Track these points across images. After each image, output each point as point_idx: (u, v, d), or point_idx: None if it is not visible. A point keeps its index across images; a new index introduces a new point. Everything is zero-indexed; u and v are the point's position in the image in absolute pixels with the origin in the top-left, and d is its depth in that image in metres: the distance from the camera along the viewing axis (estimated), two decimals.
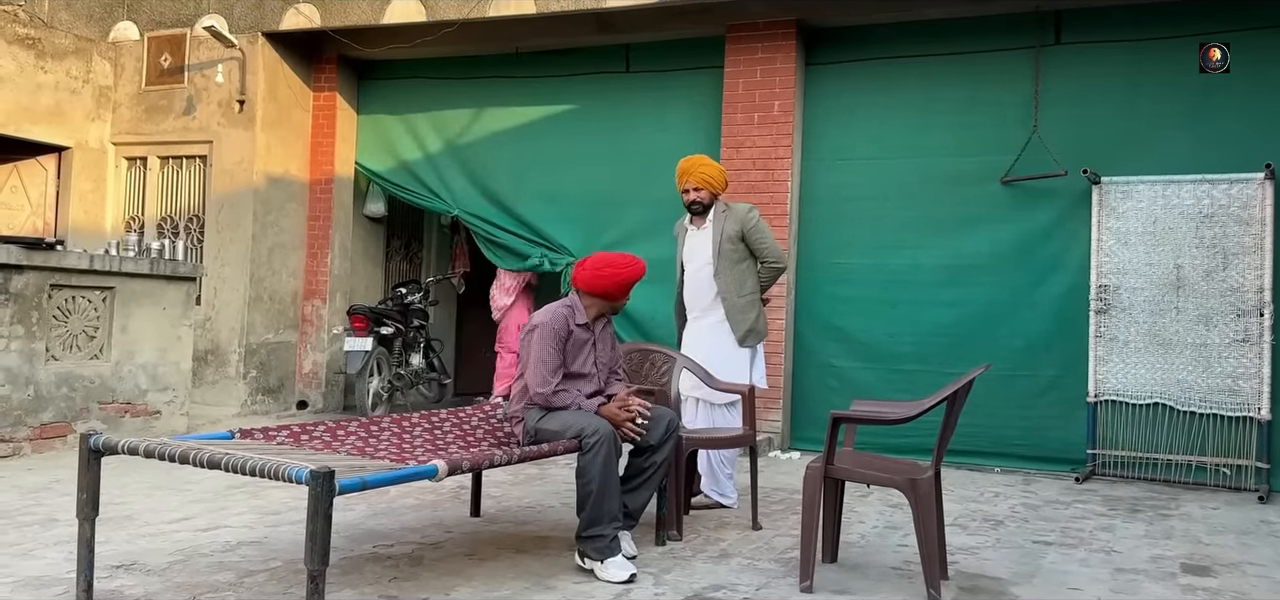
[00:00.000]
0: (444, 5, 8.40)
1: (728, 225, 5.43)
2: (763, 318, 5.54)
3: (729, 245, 5.42)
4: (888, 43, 7.75)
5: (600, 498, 3.97)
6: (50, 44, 9.33)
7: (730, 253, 5.43)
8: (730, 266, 5.43)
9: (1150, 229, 6.84)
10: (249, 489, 5.48)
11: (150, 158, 9.73)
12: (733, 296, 5.42)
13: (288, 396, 9.54)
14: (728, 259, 5.43)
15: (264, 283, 9.26)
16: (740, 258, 5.44)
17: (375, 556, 4.23)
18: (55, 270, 6.56)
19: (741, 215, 5.45)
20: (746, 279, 5.46)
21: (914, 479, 3.84)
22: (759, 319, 5.50)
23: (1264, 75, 6.79)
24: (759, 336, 5.50)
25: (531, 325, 4.28)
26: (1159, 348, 6.79)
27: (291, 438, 3.86)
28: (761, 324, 5.51)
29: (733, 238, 5.42)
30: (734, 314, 5.42)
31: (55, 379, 6.61)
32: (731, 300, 5.42)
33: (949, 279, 7.45)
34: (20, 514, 4.81)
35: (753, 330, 5.44)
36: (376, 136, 9.72)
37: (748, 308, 5.44)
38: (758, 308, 5.50)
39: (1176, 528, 5.36)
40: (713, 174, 5.47)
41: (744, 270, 5.45)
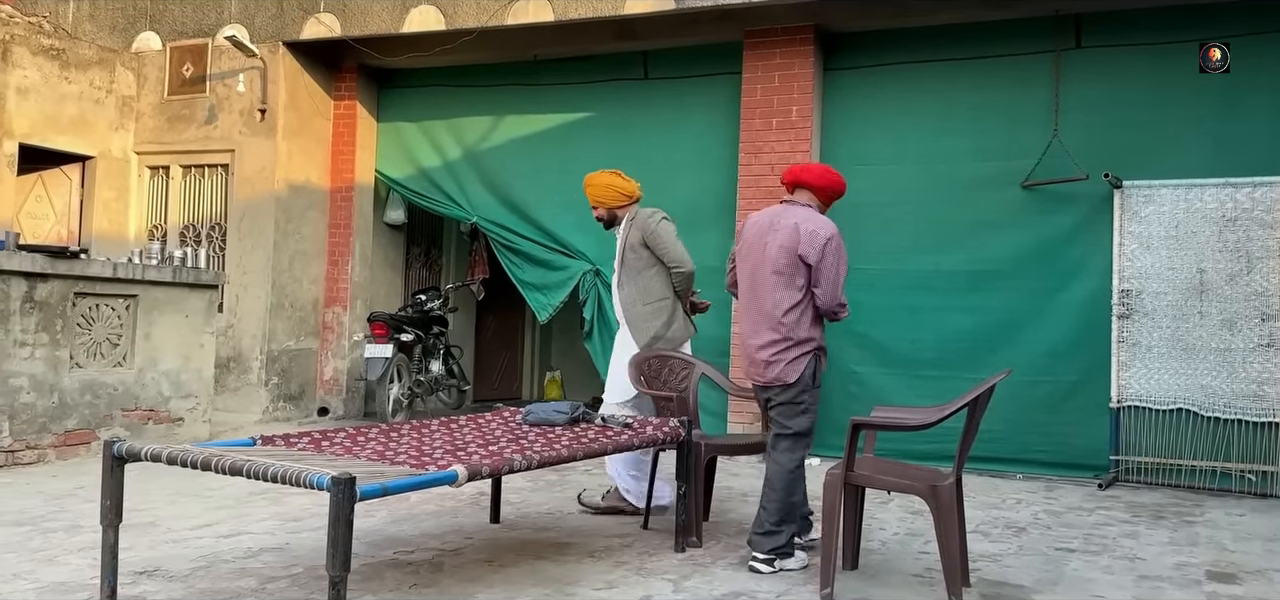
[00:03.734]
0: (463, 14, 8.44)
1: (631, 234, 5.40)
2: (677, 325, 5.39)
3: (632, 254, 5.38)
4: (906, 48, 7.73)
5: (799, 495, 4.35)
6: (74, 55, 9.43)
7: (633, 261, 5.37)
8: (633, 276, 5.38)
9: (1173, 233, 6.78)
10: (271, 495, 5.51)
11: (173, 166, 9.81)
12: (634, 305, 5.37)
13: (309, 403, 9.59)
14: (631, 268, 5.38)
15: (285, 290, 9.31)
16: (645, 265, 5.35)
17: (396, 562, 4.24)
18: (79, 278, 6.62)
19: (643, 221, 5.39)
20: (652, 286, 5.35)
21: (935, 485, 3.81)
22: (668, 326, 5.37)
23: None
24: (670, 344, 5.39)
25: (829, 235, 4.21)
26: (1182, 353, 6.72)
27: (312, 444, 3.88)
28: (673, 331, 5.37)
29: (635, 246, 5.37)
30: (635, 323, 5.37)
31: (79, 386, 6.67)
32: (633, 309, 5.37)
33: (970, 284, 7.41)
34: (45, 520, 4.85)
35: (656, 338, 5.33)
36: (396, 144, 9.77)
37: (651, 316, 5.35)
38: (665, 315, 5.36)
39: (1201, 535, 5.30)
40: (601, 190, 5.48)
41: (650, 277, 5.36)
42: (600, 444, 4.18)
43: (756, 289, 4.37)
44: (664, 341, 5.33)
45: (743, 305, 4.51)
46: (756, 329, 4.36)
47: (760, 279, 4.35)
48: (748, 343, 4.41)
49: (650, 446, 4.60)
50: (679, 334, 5.39)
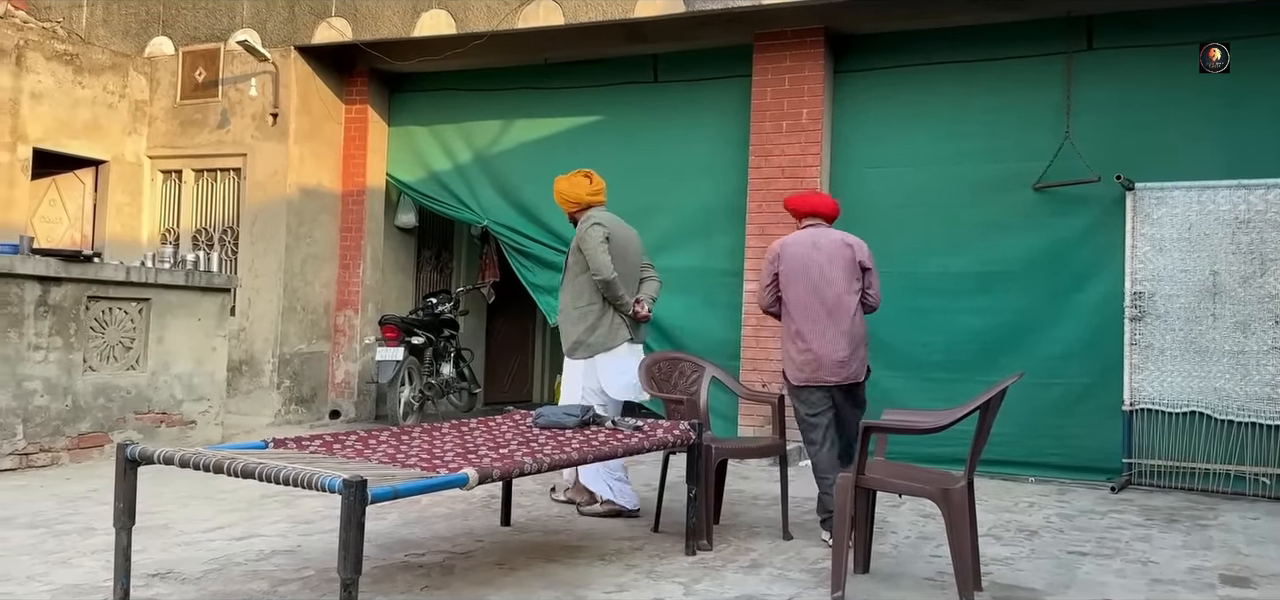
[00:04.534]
0: (473, 18, 8.46)
1: (575, 239, 5.55)
2: (601, 331, 5.43)
3: (573, 257, 5.55)
4: (917, 50, 7.71)
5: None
6: (88, 60, 9.49)
7: (573, 264, 5.55)
8: (571, 279, 5.54)
9: (1185, 235, 6.75)
10: (283, 498, 5.53)
11: (185, 171, 9.86)
12: (567, 309, 5.54)
13: (320, 406, 9.62)
14: (571, 271, 5.55)
15: (297, 293, 9.35)
16: (580, 270, 5.50)
17: (407, 565, 4.25)
18: (93, 282, 6.66)
19: (581, 227, 5.52)
20: (583, 290, 5.47)
21: (947, 489, 3.81)
22: (592, 332, 5.43)
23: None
24: (589, 350, 5.44)
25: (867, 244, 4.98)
26: (1195, 355, 6.69)
27: (324, 447, 3.89)
28: (596, 337, 5.43)
29: (573, 250, 5.54)
30: (564, 325, 5.54)
31: (93, 389, 6.70)
32: (565, 313, 5.55)
33: (981, 287, 7.39)
34: (59, 523, 4.88)
35: (578, 343, 5.45)
36: (407, 148, 9.79)
37: (578, 320, 5.46)
38: (590, 320, 5.44)
39: (1215, 538, 5.28)
40: (561, 192, 5.67)
41: (582, 282, 5.48)
42: (610, 447, 4.18)
43: (825, 302, 4.87)
44: (585, 347, 5.44)
45: (802, 319, 4.89)
46: (832, 337, 4.84)
47: (827, 294, 4.87)
48: (819, 351, 4.84)
49: (661, 449, 4.60)
50: (602, 340, 5.44)
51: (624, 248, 5.55)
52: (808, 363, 4.85)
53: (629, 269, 5.55)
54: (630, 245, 5.62)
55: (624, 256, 5.53)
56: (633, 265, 5.59)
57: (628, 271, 5.53)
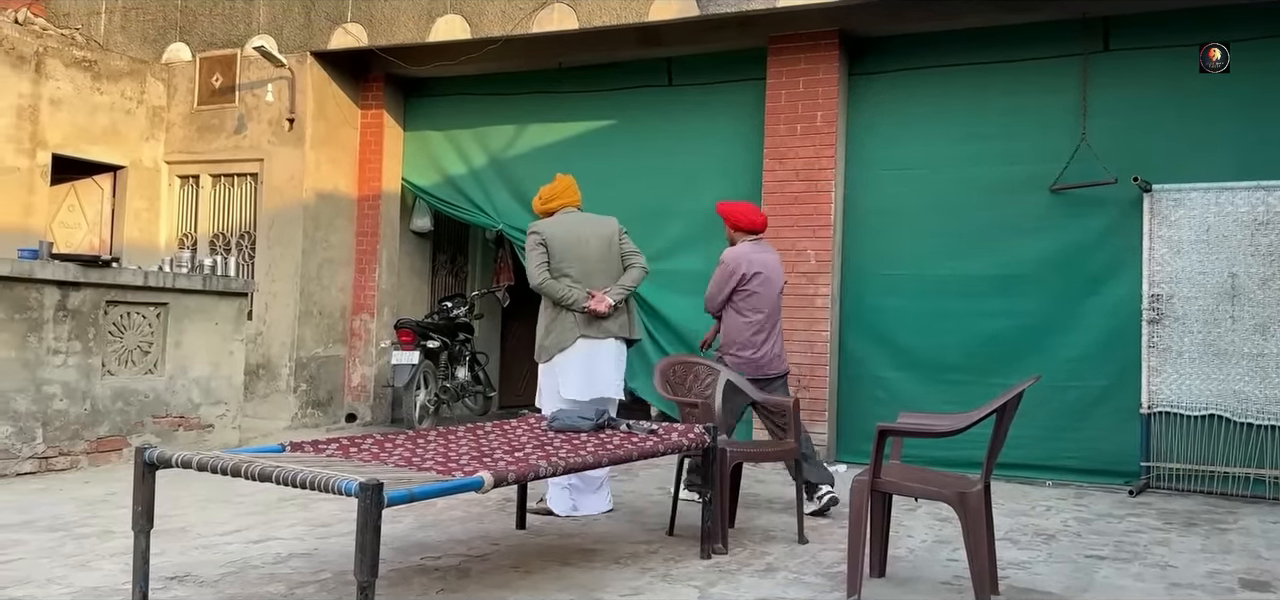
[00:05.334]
0: (488, 22, 8.49)
1: None
2: (554, 334, 5.50)
3: None
4: (932, 52, 7.69)
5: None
6: (106, 66, 9.56)
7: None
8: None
9: (1203, 237, 6.71)
10: (299, 501, 5.55)
11: (202, 176, 9.92)
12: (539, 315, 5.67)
13: (337, 410, 9.66)
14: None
15: (314, 298, 9.39)
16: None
17: (423, 568, 4.26)
18: (111, 287, 6.70)
19: None
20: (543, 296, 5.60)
21: (963, 492, 3.79)
22: (547, 334, 5.55)
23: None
24: (546, 352, 5.52)
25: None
26: (1214, 358, 6.64)
27: (341, 450, 3.91)
28: (550, 340, 5.52)
29: None
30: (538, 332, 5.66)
31: (111, 393, 6.75)
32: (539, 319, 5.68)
33: (997, 289, 7.36)
34: (78, 526, 4.91)
35: (540, 346, 5.58)
36: (422, 153, 9.83)
37: (539, 324, 5.62)
38: (545, 322, 5.57)
39: (1234, 542, 5.24)
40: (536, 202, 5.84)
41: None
42: (625, 450, 4.18)
43: (777, 306, 5.92)
44: (544, 351, 5.55)
45: (763, 320, 5.80)
46: (777, 337, 5.92)
47: (775, 299, 5.90)
48: (767, 348, 5.82)
49: (675, 453, 4.60)
50: (556, 342, 5.51)
51: (576, 246, 5.53)
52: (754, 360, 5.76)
53: (588, 265, 5.52)
54: (588, 242, 5.57)
55: (577, 255, 5.52)
56: (593, 261, 5.55)
57: (587, 269, 5.51)
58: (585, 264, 5.51)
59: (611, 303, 5.47)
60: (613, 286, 5.53)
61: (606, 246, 5.61)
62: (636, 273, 5.63)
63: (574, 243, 5.52)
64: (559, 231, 5.53)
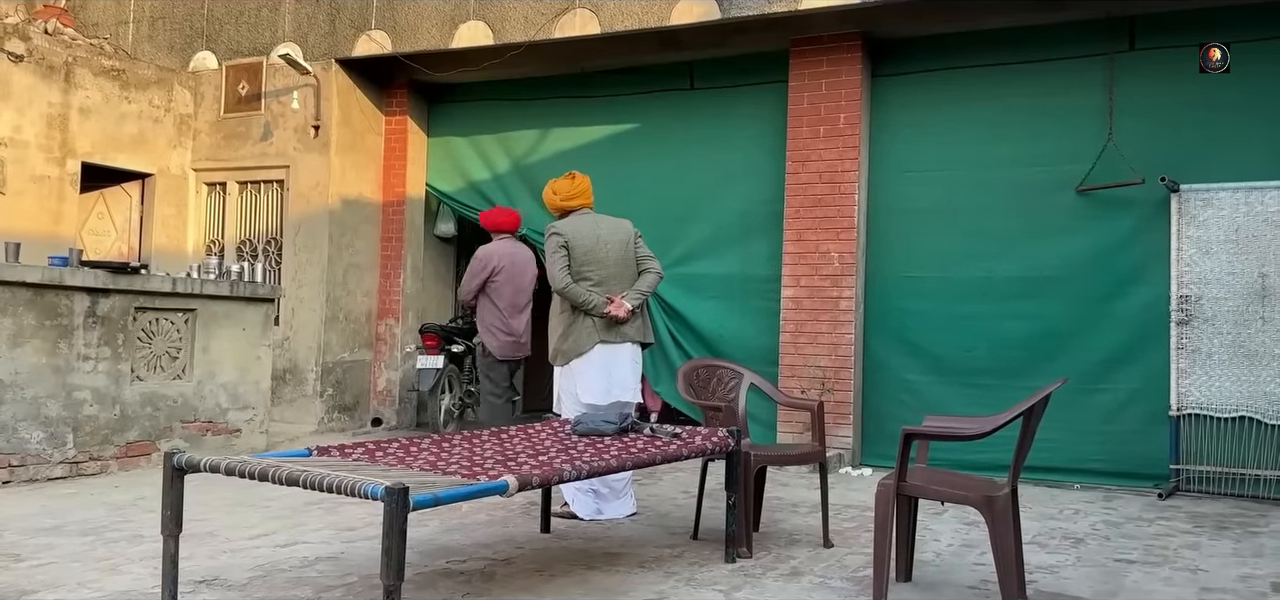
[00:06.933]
0: (511, 28, 8.52)
1: None
2: (572, 338, 5.49)
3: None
4: (955, 53, 7.65)
5: None
6: (134, 75, 9.67)
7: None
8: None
9: (1233, 237, 6.63)
10: (326, 505, 5.59)
11: (229, 183, 10.01)
12: (551, 317, 5.67)
13: (362, 414, 9.71)
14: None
15: (339, 303, 9.45)
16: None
17: (448, 571, 4.28)
18: (140, 293, 6.77)
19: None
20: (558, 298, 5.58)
21: (990, 496, 3.76)
22: (564, 339, 5.53)
23: None
24: (563, 357, 5.52)
25: None
26: (1244, 359, 6.57)
27: (366, 455, 3.93)
28: (567, 345, 5.50)
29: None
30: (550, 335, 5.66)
31: (140, 398, 6.82)
32: (550, 321, 5.68)
33: (1024, 291, 7.31)
34: (108, 530, 4.97)
35: (555, 351, 5.57)
36: (446, 158, 9.88)
37: (555, 328, 5.60)
38: (561, 328, 5.55)
39: (1267, 545, 5.17)
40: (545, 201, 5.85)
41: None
42: (649, 454, 4.18)
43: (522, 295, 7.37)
44: (561, 355, 5.54)
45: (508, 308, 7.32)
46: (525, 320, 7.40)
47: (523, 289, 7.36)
48: (516, 329, 7.36)
49: (699, 456, 4.60)
50: (573, 346, 5.50)
51: (595, 249, 5.52)
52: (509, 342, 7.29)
53: (607, 269, 5.52)
54: (608, 244, 5.56)
55: (597, 258, 5.51)
56: (612, 265, 5.54)
57: (606, 272, 5.51)
58: (604, 267, 5.53)
59: (629, 308, 5.48)
60: (630, 291, 5.53)
61: (624, 250, 5.62)
62: (653, 277, 5.63)
63: (594, 246, 5.53)
64: (579, 233, 5.54)
